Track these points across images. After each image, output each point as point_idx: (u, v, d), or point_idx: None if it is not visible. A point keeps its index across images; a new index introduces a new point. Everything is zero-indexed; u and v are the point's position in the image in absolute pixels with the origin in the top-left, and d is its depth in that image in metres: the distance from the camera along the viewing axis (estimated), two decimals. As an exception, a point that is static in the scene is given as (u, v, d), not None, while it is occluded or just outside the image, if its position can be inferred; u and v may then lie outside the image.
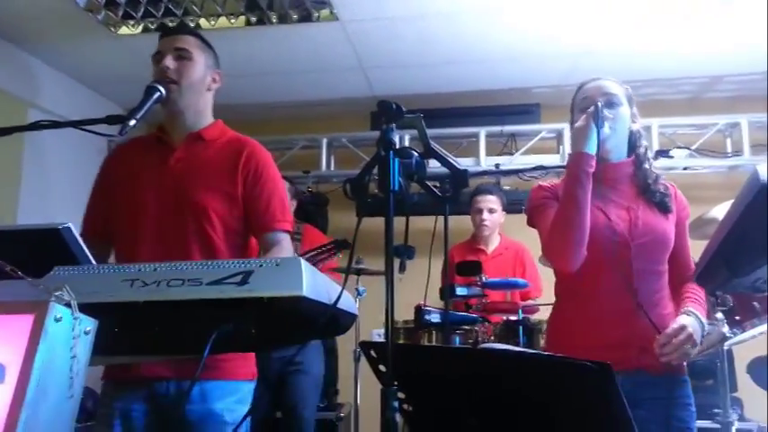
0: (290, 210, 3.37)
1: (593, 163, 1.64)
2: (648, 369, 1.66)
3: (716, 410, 2.84)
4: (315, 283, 1.05)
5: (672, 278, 1.80)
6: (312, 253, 2.71)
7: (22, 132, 1.62)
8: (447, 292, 2.05)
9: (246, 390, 1.73)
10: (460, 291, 2.51)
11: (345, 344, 3.81)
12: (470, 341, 2.55)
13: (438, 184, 1.58)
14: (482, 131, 4.50)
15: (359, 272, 3.15)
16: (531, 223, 1.86)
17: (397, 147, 1.33)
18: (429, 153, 1.40)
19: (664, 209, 1.74)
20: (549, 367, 1.22)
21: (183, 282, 0.99)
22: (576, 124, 1.69)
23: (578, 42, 3.82)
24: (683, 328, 1.61)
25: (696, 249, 1.72)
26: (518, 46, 3.88)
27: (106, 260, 1.80)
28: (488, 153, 4.50)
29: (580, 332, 1.69)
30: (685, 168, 4.29)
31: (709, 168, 4.30)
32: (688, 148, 4.29)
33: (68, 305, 0.83)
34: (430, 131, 4.94)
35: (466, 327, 2.55)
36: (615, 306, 1.68)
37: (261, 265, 1.00)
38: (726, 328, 2.28)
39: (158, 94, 1.69)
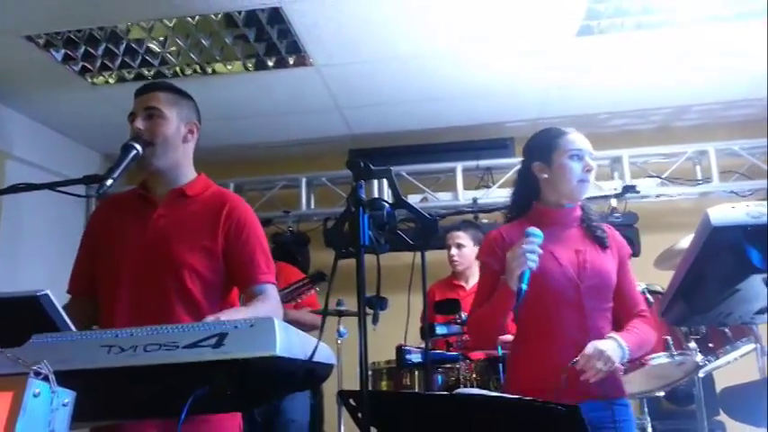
0: None
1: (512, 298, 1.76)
2: (597, 397, 1.78)
3: (698, 436, 2.87)
4: (289, 341, 1.08)
5: (620, 314, 1.94)
6: (289, 289, 2.73)
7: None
8: (427, 331, 2.08)
9: None
10: (440, 329, 2.53)
11: (330, 385, 3.79)
12: (453, 379, 2.56)
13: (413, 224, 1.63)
14: (459, 166, 4.58)
15: (339, 313, 3.16)
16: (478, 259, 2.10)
17: (369, 199, 1.38)
18: (400, 204, 1.44)
19: (602, 244, 1.91)
20: (522, 411, 1.25)
21: (160, 346, 1.02)
22: (511, 257, 1.76)
23: (548, 77, 3.94)
24: (593, 347, 1.75)
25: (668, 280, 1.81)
26: (490, 83, 3.98)
27: (93, 316, 1.80)
28: (466, 187, 4.56)
29: (545, 366, 1.79)
30: (658, 196, 4.39)
31: (680, 195, 4.41)
32: (659, 177, 4.39)
33: (46, 379, 0.85)
34: (408, 167, 4.98)
35: (447, 365, 2.56)
36: (571, 342, 1.80)
37: (235, 327, 1.03)
38: (699, 357, 2.33)
39: (135, 152, 1.71)
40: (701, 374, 2.56)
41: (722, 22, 3.34)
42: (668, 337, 2.32)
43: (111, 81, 3.75)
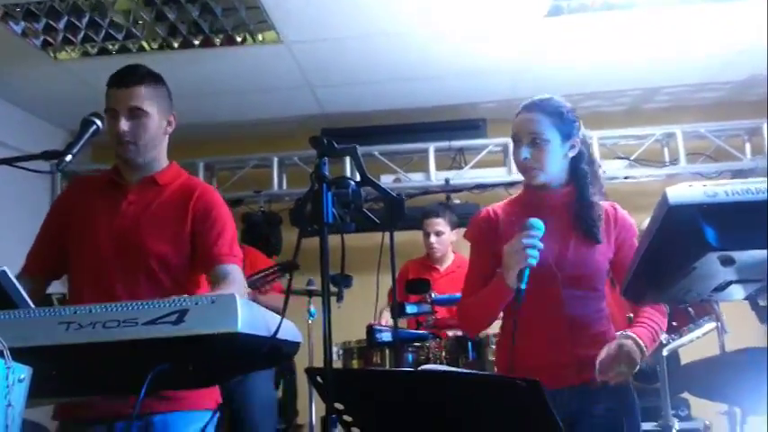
0: None
1: (510, 295, 1.68)
2: (594, 383, 1.70)
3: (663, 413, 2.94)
4: (251, 318, 1.07)
5: None
6: (257, 276, 2.73)
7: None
8: (396, 310, 2.09)
9: (208, 418, 1.72)
10: (410, 308, 2.55)
11: (303, 363, 3.80)
12: (422, 357, 2.59)
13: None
14: (431, 147, 4.58)
15: (309, 293, 3.16)
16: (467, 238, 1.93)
17: (333, 177, 1.37)
18: (365, 182, 1.44)
19: (592, 238, 1.76)
20: (484, 386, 1.27)
21: (119, 323, 1.01)
22: (509, 251, 1.65)
23: (520, 58, 3.94)
24: (616, 347, 1.67)
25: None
26: (463, 63, 3.98)
27: (42, 294, 1.80)
28: (438, 168, 4.57)
29: (524, 354, 1.69)
30: (626, 178, 4.45)
31: (648, 177, 4.48)
32: (627, 159, 4.45)
33: (1, 354, 0.84)
34: (380, 147, 4.96)
35: (417, 344, 2.59)
36: (550, 331, 1.75)
37: (196, 303, 1.03)
38: (663, 336, 2.38)
39: (95, 126, 1.68)
40: (664, 353, 2.62)
41: (692, 5, 3.37)
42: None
43: (74, 56, 3.65)
